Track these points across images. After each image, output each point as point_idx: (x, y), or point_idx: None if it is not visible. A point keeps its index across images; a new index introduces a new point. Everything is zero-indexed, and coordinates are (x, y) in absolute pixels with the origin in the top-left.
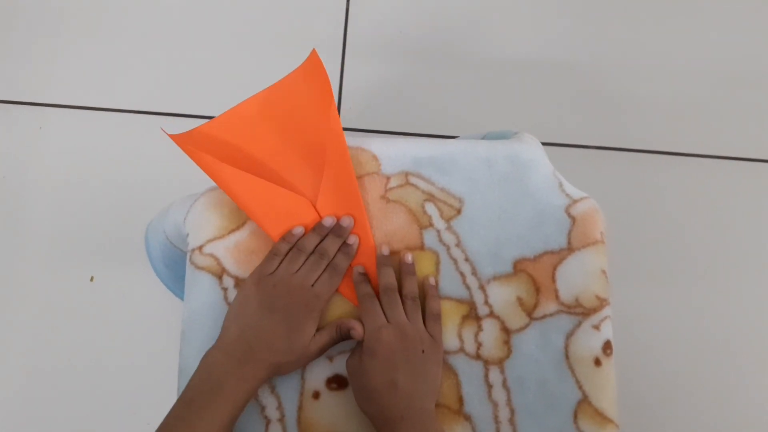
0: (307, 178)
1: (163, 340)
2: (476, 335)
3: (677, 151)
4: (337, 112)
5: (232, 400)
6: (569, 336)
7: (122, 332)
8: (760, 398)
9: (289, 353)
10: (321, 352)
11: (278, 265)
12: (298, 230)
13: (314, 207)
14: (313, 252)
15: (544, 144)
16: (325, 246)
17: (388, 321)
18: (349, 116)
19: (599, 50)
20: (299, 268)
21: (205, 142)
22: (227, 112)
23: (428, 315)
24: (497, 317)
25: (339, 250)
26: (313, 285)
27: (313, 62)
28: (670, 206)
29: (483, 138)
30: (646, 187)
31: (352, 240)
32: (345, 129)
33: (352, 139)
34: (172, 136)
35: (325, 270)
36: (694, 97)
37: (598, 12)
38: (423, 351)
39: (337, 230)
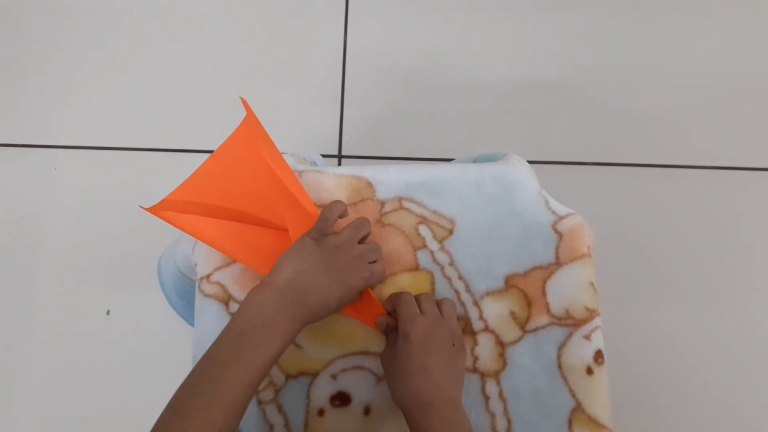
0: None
1: (177, 368)
2: (472, 349)
3: (664, 164)
4: (275, 147)
5: (281, 338)
6: (561, 347)
7: (138, 363)
8: (750, 403)
9: (333, 311)
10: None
11: (336, 230)
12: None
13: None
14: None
15: (538, 162)
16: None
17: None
18: (350, 145)
19: (583, 67)
20: (360, 242)
21: (179, 207)
22: (191, 176)
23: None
24: (492, 331)
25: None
26: (370, 263)
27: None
28: (662, 217)
29: (474, 161)
30: (639, 200)
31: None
32: (347, 157)
33: (349, 168)
34: (146, 209)
35: (378, 261)
36: (680, 110)
37: (584, 30)
38: (453, 344)
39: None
